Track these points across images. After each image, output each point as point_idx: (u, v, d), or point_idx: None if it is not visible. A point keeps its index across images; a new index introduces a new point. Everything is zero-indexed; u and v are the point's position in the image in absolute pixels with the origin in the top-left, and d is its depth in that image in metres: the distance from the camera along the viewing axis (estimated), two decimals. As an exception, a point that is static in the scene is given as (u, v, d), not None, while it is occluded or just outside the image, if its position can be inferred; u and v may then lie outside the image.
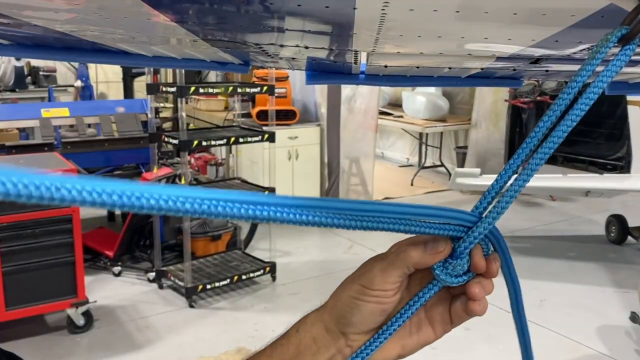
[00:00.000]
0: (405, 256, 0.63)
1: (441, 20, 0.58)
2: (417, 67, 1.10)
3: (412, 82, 1.30)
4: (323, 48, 0.94)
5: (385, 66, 1.11)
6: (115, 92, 10.27)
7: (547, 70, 1.08)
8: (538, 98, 8.00)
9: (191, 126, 7.62)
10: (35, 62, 9.60)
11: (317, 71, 1.30)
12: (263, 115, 6.37)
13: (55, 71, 9.85)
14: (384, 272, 0.63)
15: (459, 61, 0.98)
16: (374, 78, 1.26)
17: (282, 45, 0.93)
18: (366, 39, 0.76)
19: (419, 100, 8.90)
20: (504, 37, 0.68)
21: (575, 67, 0.56)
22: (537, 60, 0.88)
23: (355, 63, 1.09)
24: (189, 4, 0.69)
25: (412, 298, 0.65)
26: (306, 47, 0.92)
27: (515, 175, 0.59)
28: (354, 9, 0.55)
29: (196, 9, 0.70)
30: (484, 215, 0.60)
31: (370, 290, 0.64)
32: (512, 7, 0.52)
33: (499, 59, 0.89)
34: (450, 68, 1.08)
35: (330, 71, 1.29)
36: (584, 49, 0.72)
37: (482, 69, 1.06)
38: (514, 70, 1.06)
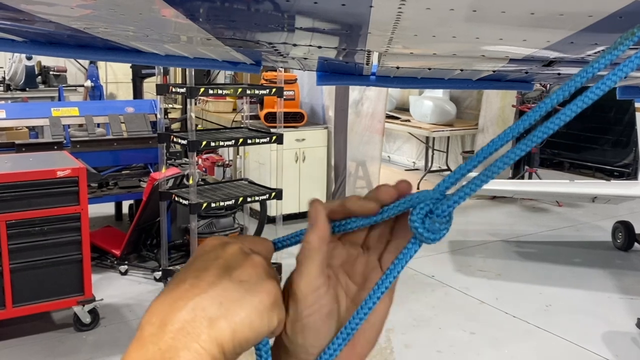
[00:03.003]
0: (306, 246, 0.58)
1: (457, 20, 0.58)
2: (429, 69, 1.10)
3: (423, 84, 1.29)
4: (335, 48, 0.94)
5: (397, 67, 1.11)
6: (125, 92, 10.30)
7: (559, 74, 1.07)
8: (546, 104, 7.98)
9: (199, 127, 7.63)
10: (45, 62, 9.64)
11: (328, 72, 1.30)
12: (271, 117, 6.38)
13: (65, 71, 9.90)
14: (302, 275, 0.58)
15: (472, 63, 0.97)
16: (384, 79, 1.25)
17: (294, 45, 0.93)
18: (380, 38, 0.76)
19: (426, 105, 8.89)
20: (519, 38, 0.68)
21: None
22: (550, 63, 0.88)
23: (367, 64, 1.08)
24: (204, 1, 0.69)
25: (393, 262, 0.60)
26: (319, 47, 0.92)
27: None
28: (370, 7, 0.55)
29: (210, 6, 0.70)
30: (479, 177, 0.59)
31: (302, 301, 0.58)
32: (529, 7, 0.52)
33: (512, 60, 0.89)
34: (462, 70, 1.07)
35: (341, 72, 1.29)
36: (599, 52, 0.72)
37: (494, 71, 1.06)
38: (526, 73, 1.06)
